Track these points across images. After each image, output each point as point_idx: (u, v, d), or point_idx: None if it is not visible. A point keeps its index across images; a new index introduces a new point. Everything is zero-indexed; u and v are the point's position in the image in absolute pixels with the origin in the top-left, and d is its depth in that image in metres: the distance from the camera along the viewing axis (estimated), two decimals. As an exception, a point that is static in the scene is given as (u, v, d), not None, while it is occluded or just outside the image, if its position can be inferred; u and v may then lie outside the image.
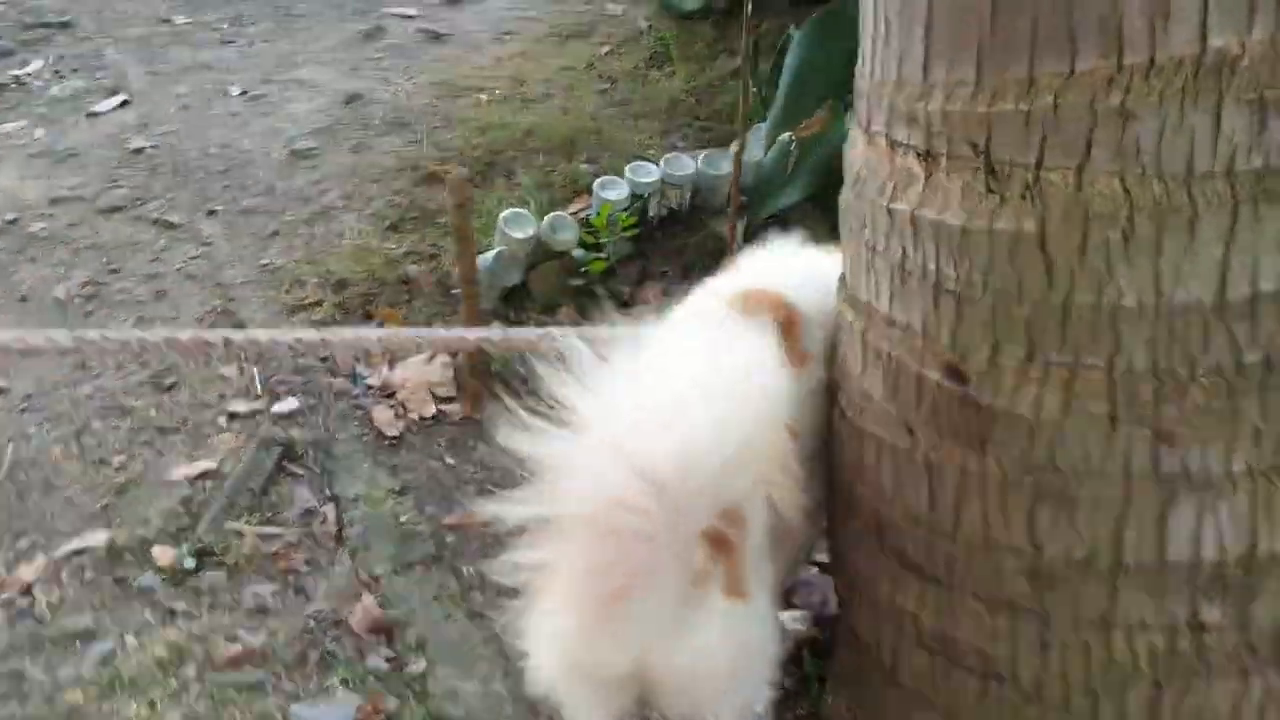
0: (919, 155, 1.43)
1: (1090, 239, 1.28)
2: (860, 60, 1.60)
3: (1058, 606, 1.41)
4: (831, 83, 3.82)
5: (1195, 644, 1.36)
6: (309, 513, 2.73)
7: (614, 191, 3.58)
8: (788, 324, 1.74)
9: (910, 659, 1.62)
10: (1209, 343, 1.28)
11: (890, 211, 1.48)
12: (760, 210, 3.67)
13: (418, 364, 3.20)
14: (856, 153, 1.62)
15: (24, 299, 3.54)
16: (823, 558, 2.44)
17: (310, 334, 2.74)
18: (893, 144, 1.48)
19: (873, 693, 1.76)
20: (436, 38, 5.05)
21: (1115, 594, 1.37)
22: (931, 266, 1.43)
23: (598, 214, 3.51)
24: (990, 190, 1.33)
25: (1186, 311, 1.28)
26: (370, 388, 3.10)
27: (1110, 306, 1.29)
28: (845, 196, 1.67)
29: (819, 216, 3.66)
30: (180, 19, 5.66)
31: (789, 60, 3.81)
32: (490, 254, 3.36)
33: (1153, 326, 1.28)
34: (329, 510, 2.73)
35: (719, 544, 1.53)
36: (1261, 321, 1.28)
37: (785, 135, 3.69)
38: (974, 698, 1.53)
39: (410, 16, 5.39)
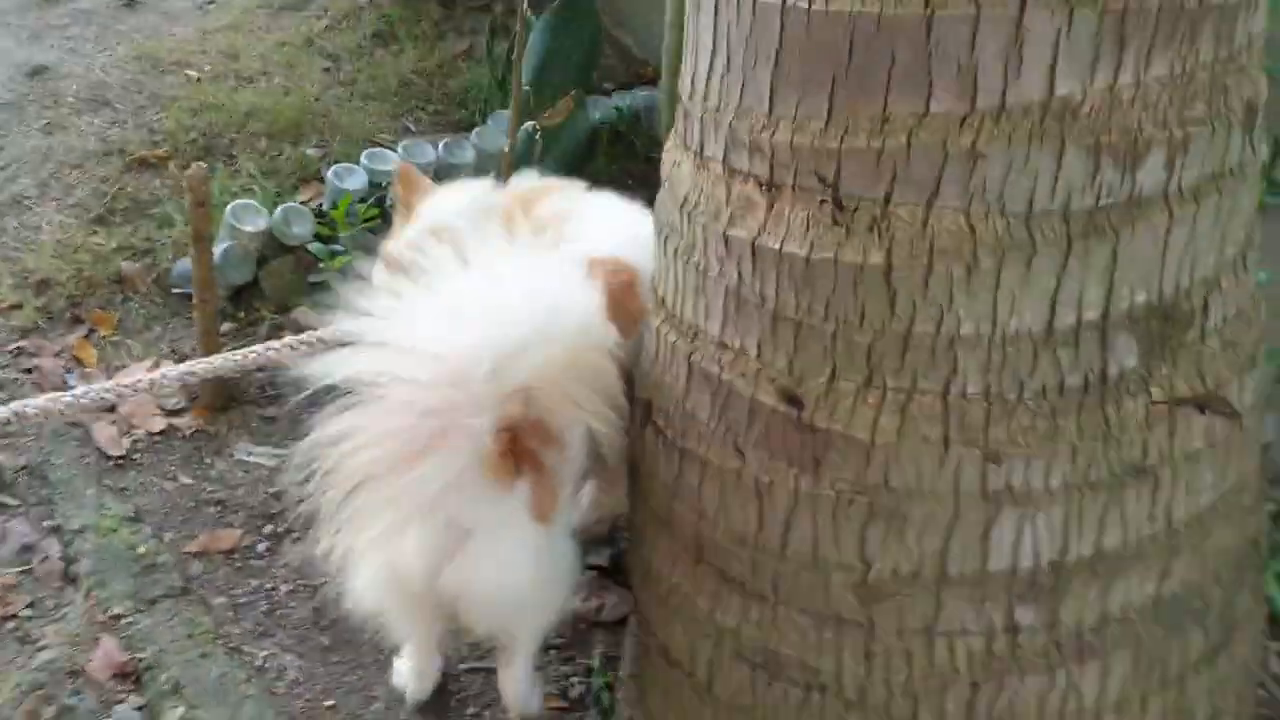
0: (760, 184, 1.43)
1: (934, 271, 1.33)
2: (687, 80, 1.58)
3: (883, 617, 1.46)
4: (573, 72, 3.81)
5: (1010, 645, 1.45)
6: (27, 549, 2.42)
7: (351, 180, 3.39)
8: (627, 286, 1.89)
9: (730, 673, 1.63)
10: (1036, 367, 1.36)
11: (727, 238, 1.47)
12: (509, 199, 3.60)
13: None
14: (684, 174, 1.60)
15: None
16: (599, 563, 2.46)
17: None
18: (731, 171, 1.48)
19: (682, 707, 1.77)
20: (130, 4, 4.55)
21: (939, 604, 1.44)
22: (770, 293, 1.44)
23: (335, 205, 3.31)
24: (836, 223, 1.35)
25: (1018, 339, 1.35)
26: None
27: (949, 335, 1.35)
28: (667, 217, 1.65)
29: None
30: None
31: (530, 48, 3.75)
32: (217, 249, 3.08)
33: (987, 353, 1.35)
34: (51, 545, 2.43)
35: (528, 459, 1.68)
36: (1083, 347, 1.37)
37: (529, 124, 3.63)
38: (795, 708, 1.57)
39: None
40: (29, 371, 2.87)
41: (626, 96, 3.96)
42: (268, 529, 2.56)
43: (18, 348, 2.94)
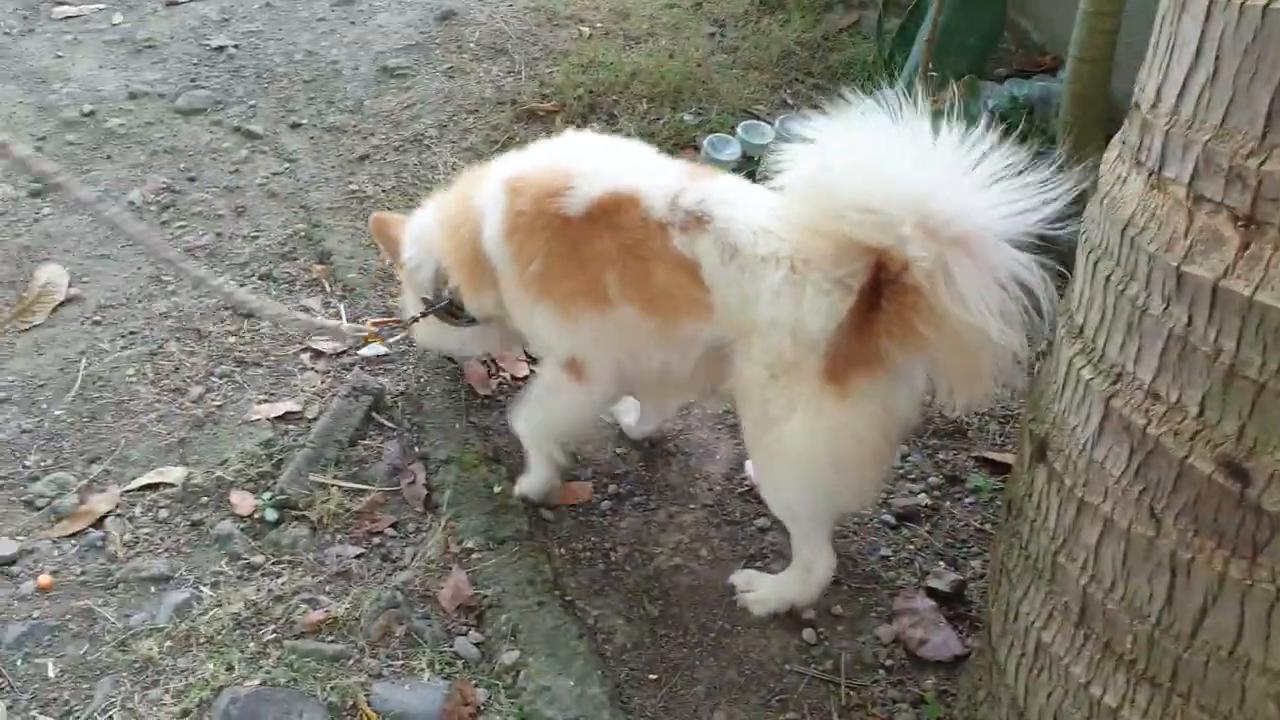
0: (1236, 218, 1.24)
1: None
2: (1150, 88, 1.40)
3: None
4: (969, 56, 3.60)
5: None
6: (397, 471, 2.58)
7: (726, 151, 3.38)
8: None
9: (1102, 752, 1.47)
10: None
11: (1180, 274, 1.29)
12: (878, 185, 3.47)
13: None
14: (1131, 193, 1.42)
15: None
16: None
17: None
18: (1197, 198, 1.29)
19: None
20: (533, -43, 4.78)
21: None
22: (1228, 345, 1.25)
23: (708, 174, 3.30)
24: (1333, 277, 1.15)
25: None
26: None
27: None
28: (1100, 237, 1.48)
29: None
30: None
31: (925, 26, 3.58)
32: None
33: None
34: (418, 470, 2.58)
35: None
36: None
37: (913, 107, 3.46)
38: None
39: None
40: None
41: (1022, 85, 3.69)
42: (611, 488, 2.60)
43: (406, 279, 3.14)
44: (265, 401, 2.73)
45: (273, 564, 2.36)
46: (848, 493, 2.11)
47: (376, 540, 2.44)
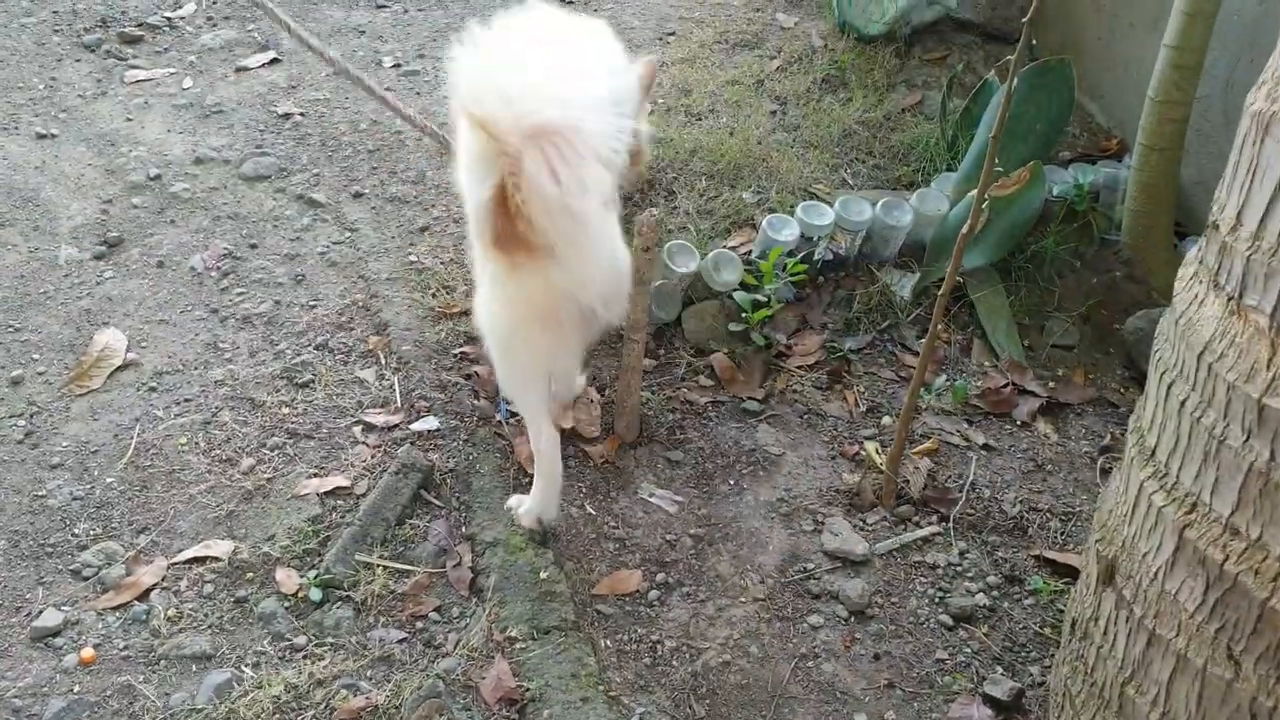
0: (1325, 358, 1.19)
1: None
2: (1230, 209, 1.35)
3: None
4: (1034, 141, 3.55)
5: None
6: (443, 552, 2.55)
7: (785, 232, 3.34)
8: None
9: None
10: None
11: (1262, 408, 1.24)
12: (937, 268, 3.42)
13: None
14: (1208, 316, 1.37)
15: (160, 264, 3.41)
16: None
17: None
18: (1281, 331, 1.24)
19: None
20: (597, 32, 4.82)
21: None
22: (1316, 491, 1.19)
23: (764, 255, 3.28)
24: None
25: None
26: (513, 416, 2.92)
27: None
28: (1175, 357, 1.43)
29: (1000, 284, 3.41)
30: (334, -26, 5.51)
31: (991, 111, 3.54)
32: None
33: None
34: (464, 552, 2.55)
35: None
36: None
37: (974, 190, 3.42)
38: None
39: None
40: (468, 377, 3.05)
41: (1087, 171, 3.64)
42: (660, 576, 2.55)
43: (462, 352, 3.13)
44: (315, 475, 2.72)
45: (315, 646, 2.34)
46: (526, 359, 2.41)
47: (420, 624, 2.41)
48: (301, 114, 4.21)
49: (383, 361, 3.08)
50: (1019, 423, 3.02)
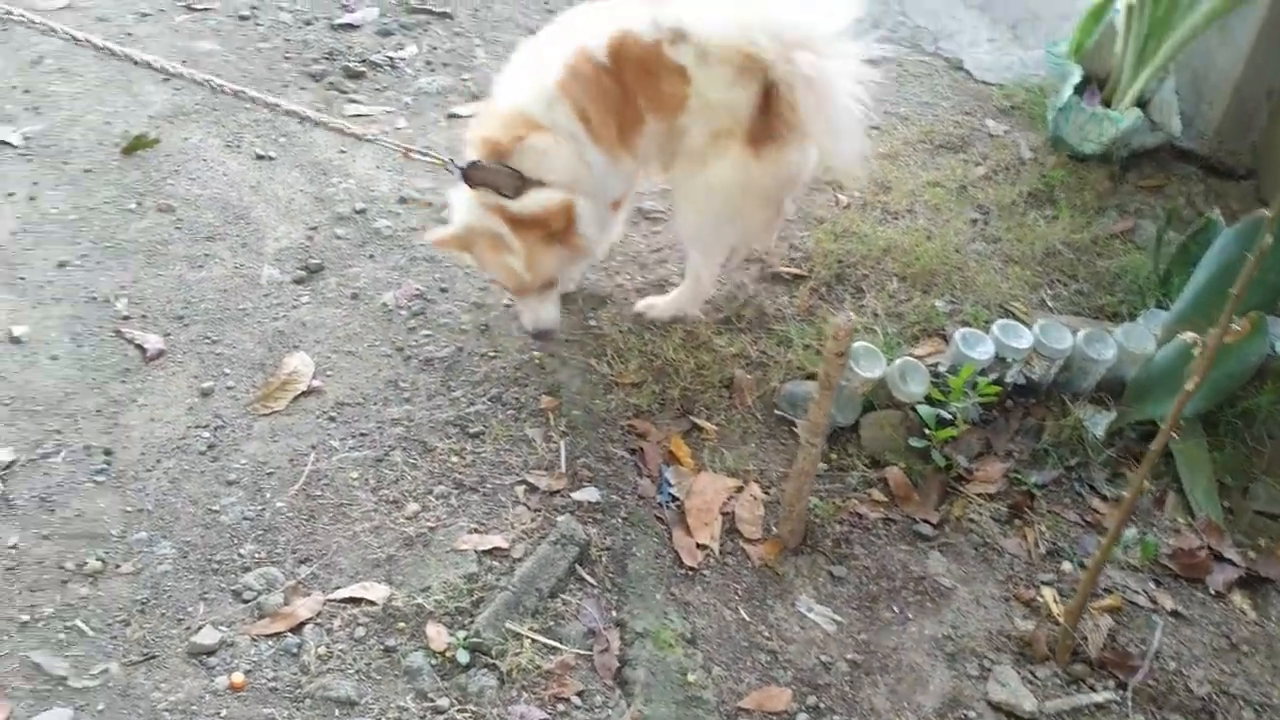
0: None
1: None
2: None
3: None
4: (1265, 291, 3.34)
5: None
6: (591, 634, 2.50)
7: (979, 349, 3.21)
8: None
9: None
10: None
11: None
12: (1137, 410, 3.23)
13: (729, 486, 2.95)
14: None
15: (355, 296, 3.49)
16: None
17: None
18: None
19: None
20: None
21: None
22: None
23: (955, 370, 3.16)
24: None
25: None
26: (675, 500, 2.86)
27: None
28: None
29: (1204, 438, 3.20)
30: (549, 31, 5.64)
31: (1212, 254, 3.36)
32: (831, 387, 3.06)
33: None
34: (613, 638, 2.50)
35: None
36: None
37: (1188, 335, 3.23)
38: None
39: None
40: (633, 452, 3.01)
41: (1314, 328, 3.40)
42: (811, 699, 2.44)
43: (630, 425, 3.10)
44: (475, 531, 2.72)
45: (458, 711, 2.31)
46: (743, 226, 3.16)
47: (561, 707, 2.35)
48: (504, 165, 4.28)
49: (551, 423, 3.08)
50: (1213, 592, 2.80)
